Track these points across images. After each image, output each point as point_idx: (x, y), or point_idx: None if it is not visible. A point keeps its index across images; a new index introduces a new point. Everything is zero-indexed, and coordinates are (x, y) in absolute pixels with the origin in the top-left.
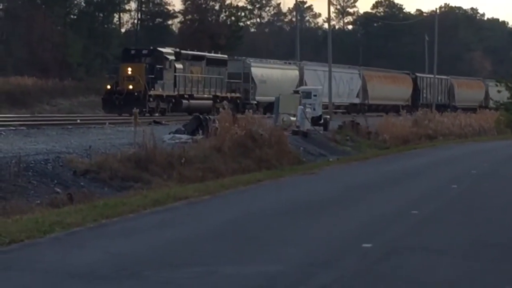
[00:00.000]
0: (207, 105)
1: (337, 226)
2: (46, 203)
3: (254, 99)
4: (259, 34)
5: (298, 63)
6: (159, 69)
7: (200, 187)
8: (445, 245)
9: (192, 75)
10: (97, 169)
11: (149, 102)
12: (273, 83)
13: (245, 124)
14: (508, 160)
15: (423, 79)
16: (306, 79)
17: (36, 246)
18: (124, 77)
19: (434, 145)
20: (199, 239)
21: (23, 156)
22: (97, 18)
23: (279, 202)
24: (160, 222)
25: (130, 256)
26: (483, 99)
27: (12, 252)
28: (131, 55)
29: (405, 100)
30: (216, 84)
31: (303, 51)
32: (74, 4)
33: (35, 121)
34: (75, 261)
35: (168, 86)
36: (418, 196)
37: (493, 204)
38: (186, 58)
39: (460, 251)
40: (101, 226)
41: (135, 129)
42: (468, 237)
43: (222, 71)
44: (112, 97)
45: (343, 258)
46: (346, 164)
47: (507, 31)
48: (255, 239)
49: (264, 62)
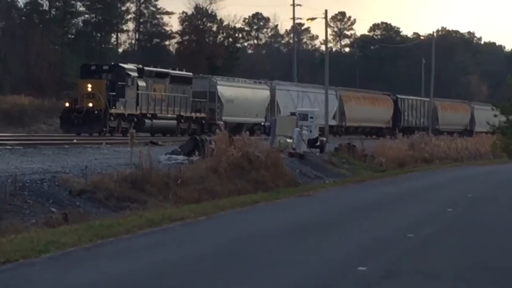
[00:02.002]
0: (171, 125)
1: (333, 248)
2: (42, 223)
3: (221, 119)
4: (256, 56)
5: (270, 83)
6: (121, 86)
7: (196, 208)
8: (441, 269)
9: (155, 93)
10: (93, 189)
11: (110, 121)
12: (242, 103)
13: (242, 146)
14: (504, 184)
15: (404, 100)
16: (278, 99)
17: (31, 266)
18: (84, 94)
19: (431, 169)
20: (194, 261)
21: (19, 176)
22: (95, 38)
23: (275, 224)
24: (156, 243)
25: (126, 276)
26: (468, 122)
27: (7, 271)
28: (91, 71)
29: (385, 122)
30: (181, 103)
31: (300, 72)
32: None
33: (32, 140)
34: (70, 281)
35: (130, 104)
36: (414, 219)
37: (489, 228)
38: (150, 75)
39: (455, 275)
40: (96, 246)
41: (131, 149)
42: (463, 261)
43: (187, 89)
44: (70, 115)
45: (338, 281)
46: (342, 187)
47: (503, 55)
48: (250, 260)
49: (231, 81)
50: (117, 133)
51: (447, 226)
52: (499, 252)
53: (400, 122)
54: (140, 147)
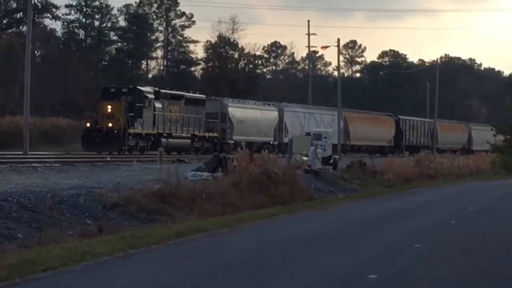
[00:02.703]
0: (185, 144)
1: (345, 257)
2: (78, 234)
3: (231, 138)
4: (274, 81)
5: (278, 105)
6: (138, 107)
7: (219, 220)
8: (445, 276)
9: (171, 114)
10: (125, 203)
11: (129, 140)
12: (252, 123)
13: (261, 163)
14: (503, 198)
15: (406, 121)
16: (286, 120)
17: (69, 274)
18: (104, 115)
19: (435, 184)
20: (218, 268)
21: (57, 191)
22: (127, 64)
23: (292, 235)
24: (183, 252)
25: (156, 284)
26: (466, 141)
27: (46, 279)
28: (111, 93)
29: (387, 141)
30: (194, 123)
31: (315, 96)
32: (105, 52)
33: (69, 158)
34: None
35: (148, 124)
36: (420, 230)
37: (489, 239)
38: (165, 97)
39: (458, 282)
40: (128, 255)
41: (160, 166)
42: (466, 269)
43: (200, 110)
44: (91, 134)
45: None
46: (354, 201)
47: (502, 80)
48: (269, 269)
49: (241, 103)
50: (135, 151)
51: (451, 237)
52: (498, 261)
53: (401, 141)
54: (168, 164)
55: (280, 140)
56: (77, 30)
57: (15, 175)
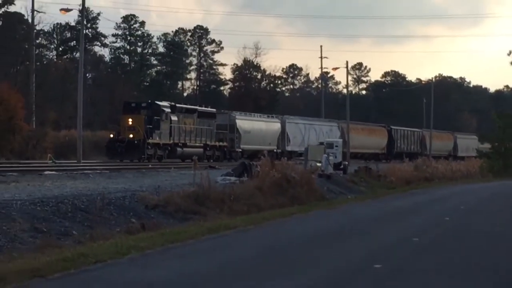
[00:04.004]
0: (198, 152)
1: (354, 250)
2: (124, 231)
3: (239, 147)
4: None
5: (281, 117)
6: (156, 120)
7: (245, 218)
8: (440, 266)
9: (185, 126)
10: (164, 204)
11: (148, 149)
12: (257, 133)
13: (281, 169)
14: (490, 198)
15: (397, 131)
16: (288, 130)
17: (117, 265)
18: (125, 127)
19: (431, 186)
20: (246, 259)
21: (106, 194)
22: (165, 85)
23: (308, 231)
24: (214, 246)
25: (193, 273)
26: (451, 148)
27: (97, 270)
28: (131, 107)
29: (381, 149)
30: (206, 134)
31: (327, 110)
32: (147, 74)
33: (116, 166)
34: (148, 277)
35: (165, 135)
36: (418, 226)
37: (479, 233)
38: (180, 111)
39: (452, 271)
40: (167, 249)
41: (194, 172)
42: (458, 260)
43: (211, 122)
44: (114, 145)
45: (358, 276)
46: (361, 201)
47: (488, 95)
48: (290, 259)
49: (248, 116)
50: (153, 159)
51: (445, 232)
52: (486, 252)
53: (393, 149)
54: (201, 170)
55: (283, 148)
56: (122, 55)
57: (70, 181)
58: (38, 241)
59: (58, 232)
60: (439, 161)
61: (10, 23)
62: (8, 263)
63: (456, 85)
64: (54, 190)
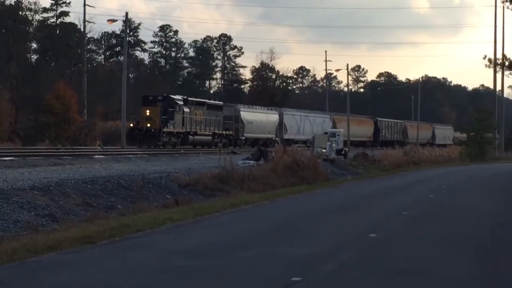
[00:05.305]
0: (207, 140)
1: (353, 222)
2: (160, 206)
3: (243, 135)
4: (301, 95)
5: (279, 109)
6: (171, 111)
7: (262, 195)
8: (426, 235)
9: (196, 117)
10: (194, 183)
11: (163, 137)
12: (258, 124)
13: (292, 154)
14: (467, 179)
15: (382, 122)
16: (285, 121)
17: (154, 234)
18: (144, 117)
19: (418, 169)
20: (261, 230)
21: (145, 174)
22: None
23: (315, 206)
24: (236, 219)
25: (217, 241)
26: (430, 137)
27: (138, 238)
28: (149, 100)
29: (368, 137)
30: (215, 124)
31: (330, 105)
32: (179, 75)
33: (154, 151)
34: (180, 244)
35: (178, 125)
36: (407, 202)
37: (457, 208)
38: (192, 103)
39: (435, 239)
40: (197, 221)
41: (219, 157)
42: (441, 230)
43: (219, 114)
44: (134, 133)
45: (357, 243)
46: (359, 181)
47: (467, 93)
48: (299, 230)
49: (251, 108)
50: (168, 146)
51: (429, 207)
52: (464, 223)
53: (379, 137)
54: (225, 155)
55: (281, 137)
56: (159, 59)
57: (116, 163)
58: (88, 214)
59: (105, 206)
60: (425, 147)
61: (66, 32)
62: (64, 232)
63: (439, 84)
64: (102, 171)
